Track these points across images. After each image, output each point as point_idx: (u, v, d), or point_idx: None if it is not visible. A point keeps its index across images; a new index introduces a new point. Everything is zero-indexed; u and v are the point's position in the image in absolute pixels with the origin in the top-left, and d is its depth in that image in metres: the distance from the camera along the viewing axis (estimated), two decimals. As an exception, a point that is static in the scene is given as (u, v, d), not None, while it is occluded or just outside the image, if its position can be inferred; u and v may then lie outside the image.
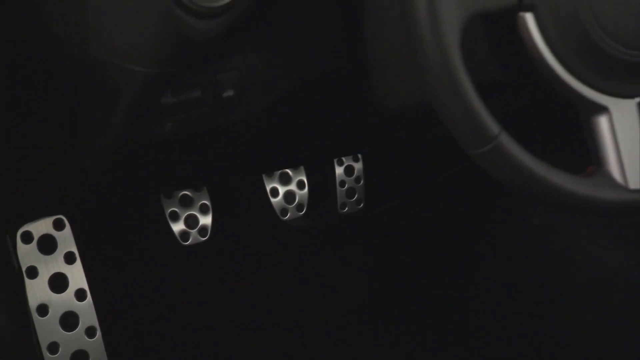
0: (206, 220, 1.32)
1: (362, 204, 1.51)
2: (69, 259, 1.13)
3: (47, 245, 1.12)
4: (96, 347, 1.13)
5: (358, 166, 1.50)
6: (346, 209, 1.50)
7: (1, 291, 1.13)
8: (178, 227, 1.30)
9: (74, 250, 1.13)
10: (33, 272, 1.11)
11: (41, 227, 1.11)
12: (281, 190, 1.42)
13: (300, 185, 1.44)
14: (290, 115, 1.03)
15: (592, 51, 0.81)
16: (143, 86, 0.79)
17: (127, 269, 1.42)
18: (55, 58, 0.78)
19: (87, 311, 1.13)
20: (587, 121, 0.85)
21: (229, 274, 1.52)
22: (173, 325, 1.47)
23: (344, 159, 1.48)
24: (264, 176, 1.41)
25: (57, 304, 1.12)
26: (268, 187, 1.41)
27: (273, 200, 1.42)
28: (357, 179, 1.50)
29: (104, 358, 1.13)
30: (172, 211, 1.30)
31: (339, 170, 1.48)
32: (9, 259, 1.11)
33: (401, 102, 0.98)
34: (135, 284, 1.42)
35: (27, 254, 1.11)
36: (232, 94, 0.92)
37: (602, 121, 0.84)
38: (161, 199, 1.29)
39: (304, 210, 1.44)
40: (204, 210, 1.33)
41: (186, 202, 1.32)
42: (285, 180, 1.43)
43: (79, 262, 1.13)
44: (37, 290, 1.11)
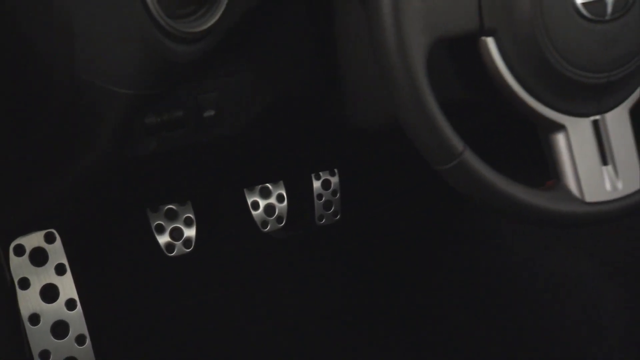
0: (190, 232, 1.32)
1: (338, 216, 1.51)
2: (59, 270, 1.12)
3: (38, 257, 1.11)
4: (86, 354, 1.12)
5: (334, 180, 1.50)
6: (323, 220, 1.50)
7: (-5, 302, 1.12)
8: (163, 239, 1.30)
9: (65, 262, 1.12)
10: (25, 283, 1.11)
11: (33, 240, 1.11)
12: (262, 203, 1.42)
13: (280, 198, 1.44)
14: (269, 133, 1.04)
15: (550, 73, 0.81)
16: (127, 107, 0.79)
17: (115, 279, 1.41)
18: (44, 81, 0.78)
19: (77, 320, 1.12)
20: (545, 138, 0.86)
21: (213, 283, 1.52)
22: (159, 332, 1.46)
23: (321, 173, 1.48)
24: (245, 190, 1.41)
25: (48, 313, 1.11)
26: (249, 201, 1.41)
27: (254, 213, 1.42)
28: (334, 192, 1.50)
29: None
30: (157, 224, 1.30)
31: (316, 184, 1.49)
32: (2, 271, 1.11)
33: (373, 121, 0.99)
34: (123, 293, 1.41)
35: (19, 266, 1.10)
36: (213, 114, 0.92)
37: (560, 138, 0.84)
38: (147, 213, 1.29)
39: (284, 222, 1.44)
40: (188, 223, 1.32)
41: (171, 216, 1.31)
42: (265, 194, 1.43)
43: (69, 274, 1.13)
44: (29, 301, 1.11)
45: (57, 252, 1.12)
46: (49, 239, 1.12)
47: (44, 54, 0.76)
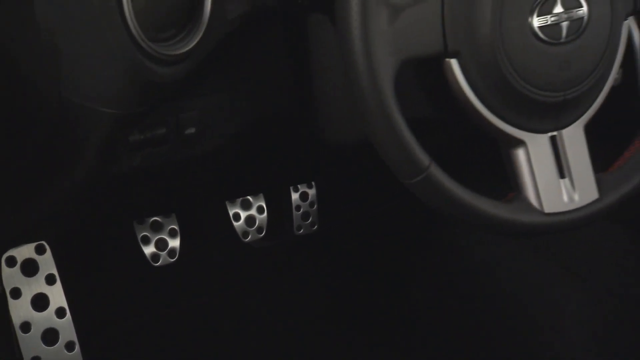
0: (175, 243, 1.32)
1: (316, 226, 1.51)
2: (49, 280, 1.12)
3: (29, 268, 1.11)
4: (75, 360, 1.12)
5: (312, 192, 1.50)
6: (302, 230, 1.50)
7: (-13, 311, 1.11)
8: (149, 249, 1.30)
9: (55, 272, 1.12)
10: (17, 293, 1.10)
11: (24, 252, 1.10)
12: (243, 214, 1.42)
13: (260, 210, 1.44)
14: (248, 149, 1.04)
15: (510, 92, 0.82)
16: (111, 126, 0.78)
17: (103, 288, 1.41)
18: (31, 100, 0.77)
19: (66, 327, 1.12)
20: (506, 153, 0.86)
21: (197, 291, 1.51)
22: (146, 338, 1.45)
23: (299, 186, 1.48)
24: (227, 202, 1.41)
25: (39, 321, 1.11)
26: (231, 212, 1.41)
27: (235, 224, 1.41)
28: (311, 204, 1.50)
29: None
30: (143, 235, 1.29)
31: (294, 196, 1.49)
32: (-6, 282, 1.10)
33: (346, 137, 0.99)
34: (110, 302, 1.41)
35: (11, 276, 1.10)
36: (194, 132, 0.92)
37: (520, 153, 0.85)
38: (133, 225, 1.28)
39: (264, 233, 1.44)
40: (172, 234, 1.32)
41: (156, 227, 1.31)
42: (246, 205, 1.43)
43: (59, 283, 1.12)
44: (21, 309, 1.10)
45: (47, 263, 1.11)
46: (40, 250, 1.11)
47: (31, 74, 0.75)
